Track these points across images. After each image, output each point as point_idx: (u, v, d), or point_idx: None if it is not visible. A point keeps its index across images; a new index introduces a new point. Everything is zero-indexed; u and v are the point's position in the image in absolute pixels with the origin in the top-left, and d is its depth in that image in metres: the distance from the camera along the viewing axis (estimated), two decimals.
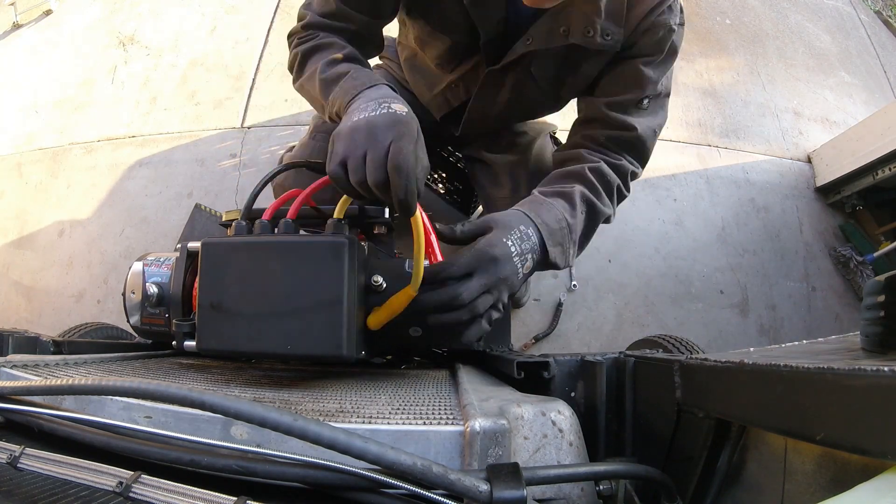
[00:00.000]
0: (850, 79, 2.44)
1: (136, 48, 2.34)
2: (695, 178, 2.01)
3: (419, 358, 0.94)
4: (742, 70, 2.33)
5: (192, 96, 2.16)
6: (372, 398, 0.51)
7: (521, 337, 1.70)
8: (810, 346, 0.52)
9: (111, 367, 0.61)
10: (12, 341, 0.76)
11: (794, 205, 2.03)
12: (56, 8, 2.56)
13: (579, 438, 0.45)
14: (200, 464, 0.34)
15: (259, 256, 0.54)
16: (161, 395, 0.33)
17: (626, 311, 1.78)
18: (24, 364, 0.55)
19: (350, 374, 0.67)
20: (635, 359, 0.57)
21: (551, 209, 0.72)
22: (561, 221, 0.71)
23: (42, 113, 2.25)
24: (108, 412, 0.45)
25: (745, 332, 1.81)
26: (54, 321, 1.81)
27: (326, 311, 0.52)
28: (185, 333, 0.61)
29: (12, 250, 1.98)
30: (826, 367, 0.29)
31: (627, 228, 1.89)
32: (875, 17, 2.81)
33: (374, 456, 0.32)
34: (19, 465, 0.35)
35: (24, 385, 0.40)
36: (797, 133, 2.20)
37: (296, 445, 0.34)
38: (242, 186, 1.92)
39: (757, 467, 0.41)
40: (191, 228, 1.60)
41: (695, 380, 0.45)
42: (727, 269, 1.88)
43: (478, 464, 0.39)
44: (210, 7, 2.40)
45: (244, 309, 0.53)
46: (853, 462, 0.31)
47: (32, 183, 2.08)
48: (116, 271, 1.85)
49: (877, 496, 0.25)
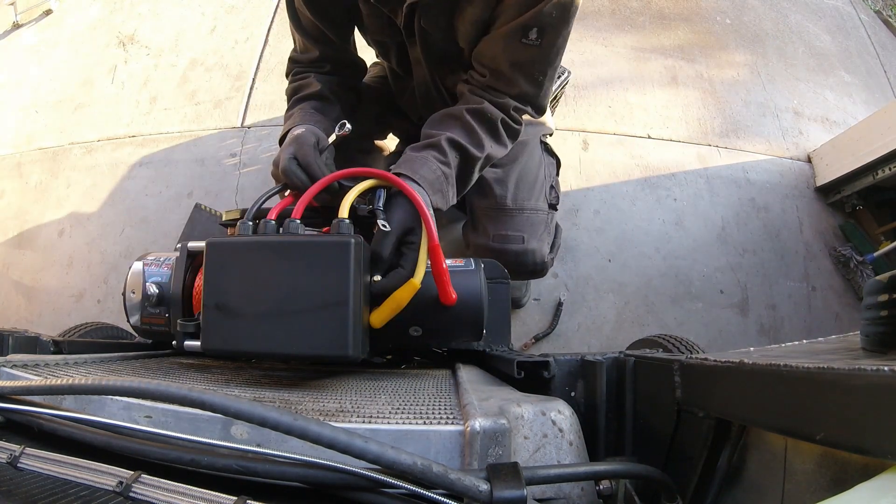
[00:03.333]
0: (850, 78, 2.44)
1: (136, 48, 2.34)
2: (695, 177, 2.01)
3: (419, 358, 0.94)
4: (742, 70, 2.33)
5: (191, 96, 2.16)
6: (372, 398, 0.51)
7: (521, 336, 1.70)
8: (810, 346, 0.52)
9: (111, 367, 0.61)
10: (12, 341, 0.76)
11: (794, 204, 2.03)
12: (56, 8, 2.56)
13: (579, 438, 0.45)
14: (200, 463, 0.34)
15: (264, 256, 0.54)
16: (161, 394, 0.33)
17: (626, 311, 1.78)
18: (24, 364, 0.55)
19: (350, 374, 0.67)
20: (635, 358, 0.57)
21: (425, 162, 0.79)
22: (436, 171, 0.79)
23: (42, 113, 2.25)
24: (108, 412, 0.45)
25: (745, 332, 1.81)
26: (54, 321, 1.81)
27: (332, 311, 0.52)
28: (188, 333, 0.61)
29: (12, 250, 1.98)
30: (826, 367, 0.29)
31: (627, 228, 1.89)
32: (875, 17, 2.81)
33: (374, 455, 0.32)
34: (19, 464, 0.35)
35: (24, 385, 0.40)
36: (797, 133, 2.20)
37: (296, 445, 0.34)
38: (242, 186, 1.92)
39: (757, 467, 0.41)
40: (191, 228, 1.60)
41: (695, 379, 0.45)
42: (727, 268, 1.88)
43: (478, 463, 0.39)
44: (210, 7, 2.40)
45: (249, 309, 0.53)
46: (853, 462, 0.31)
47: (32, 183, 2.08)
48: (116, 271, 1.85)
49: (877, 496, 0.25)
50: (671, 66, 2.26)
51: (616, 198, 1.93)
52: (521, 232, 1.03)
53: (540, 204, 1.08)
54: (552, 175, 1.17)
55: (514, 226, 1.03)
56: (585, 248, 1.83)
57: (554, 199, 1.14)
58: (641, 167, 2.00)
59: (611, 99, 2.12)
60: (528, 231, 1.03)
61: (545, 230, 1.07)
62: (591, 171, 1.95)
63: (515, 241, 1.03)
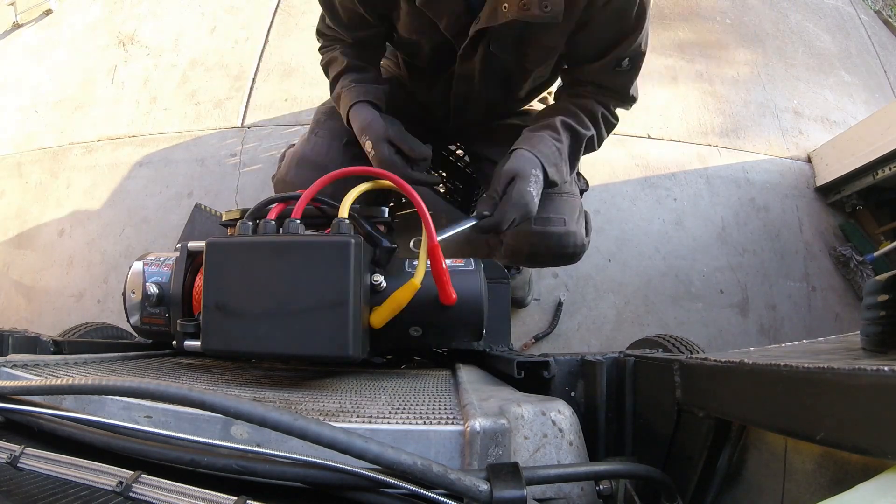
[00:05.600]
0: (850, 78, 2.44)
1: (136, 48, 2.34)
2: (695, 177, 2.01)
3: (419, 358, 0.94)
4: (742, 69, 2.33)
5: (191, 96, 2.16)
6: (372, 398, 0.51)
7: (521, 337, 1.70)
8: (810, 345, 0.52)
9: (111, 367, 0.61)
10: (12, 341, 0.76)
11: (794, 204, 2.03)
12: (56, 8, 2.56)
13: (579, 438, 0.45)
14: (200, 463, 0.34)
15: (264, 256, 0.54)
16: (161, 394, 0.33)
17: (626, 311, 1.78)
18: (24, 364, 0.55)
19: (350, 374, 0.67)
20: (635, 358, 0.57)
21: (542, 139, 0.90)
22: (551, 147, 0.90)
23: (42, 113, 2.25)
24: (108, 412, 0.45)
25: (745, 332, 1.81)
26: (54, 321, 1.81)
27: (332, 311, 0.52)
28: (188, 333, 0.61)
29: (12, 250, 1.98)
30: (826, 367, 0.29)
31: (627, 228, 1.89)
32: (875, 17, 2.81)
33: (373, 455, 0.32)
34: (19, 464, 0.35)
35: (24, 385, 0.40)
36: (797, 133, 2.20)
37: (296, 445, 0.34)
38: (242, 186, 1.92)
39: (757, 467, 0.41)
40: (191, 228, 1.60)
41: (695, 379, 0.45)
42: (727, 268, 1.88)
43: (478, 463, 0.39)
44: (210, 7, 2.40)
45: (249, 309, 0.53)
46: (853, 462, 0.31)
47: (32, 183, 2.08)
48: (116, 271, 1.85)
49: (877, 496, 0.25)
50: (671, 66, 2.26)
51: (616, 197, 1.93)
52: (562, 214, 1.03)
53: (574, 188, 1.09)
54: None
55: (556, 209, 1.03)
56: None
57: (584, 185, 1.18)
58: (641, 167, 2.00)
59: None
60: (568, 214, 1.04)
61: (580, 214, 1.08)
62: (591, 171, 1.95)
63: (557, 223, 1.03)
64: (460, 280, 0.66)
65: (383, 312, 0.60)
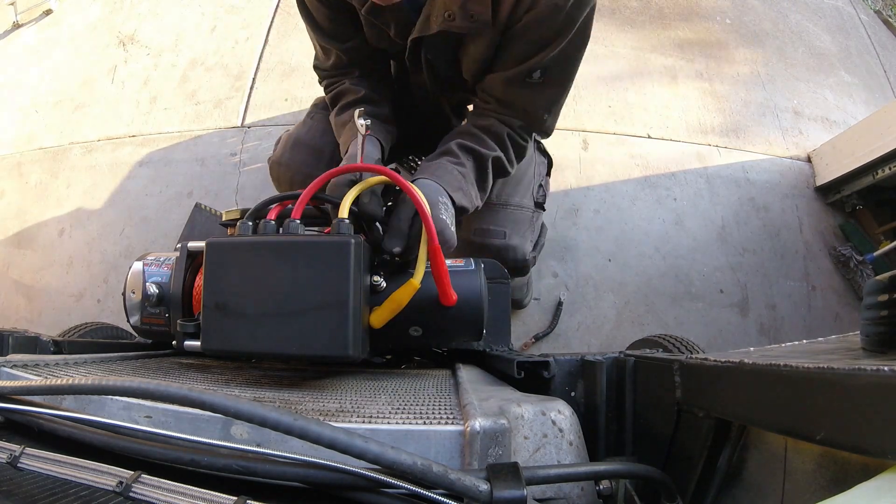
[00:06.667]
0: (850, 78, 2.44)
1: (136, 48, 2.34)
2: (695, 177, 2.01)
3: (419, 358, 0.94)
4: (742, 69, 2.32)
5: (191, 96, 2.16)
6: (372, 398, 0.51)
7: (521, 336, 1.70)
8: (810, 345, 0.52)
9: (111, 367, 0.61)
10: (12, 341, 0.76)
11: (794, 204, 2.03)
12: (56, 8, 2.56)
13: (579, 438, 0.45)
14: (200, 463, 0.34)
15: (264, 256, 0.54)
16: (161, 394, 0.33)
17: (626, 311, 1.78)
18: (24, 364, 0.55)
19: (350, 374, 0.67)
20: (635, 358, 0.58)
21: (441, 166, 0.82)
22: (452, 172, 0.82)
23: (42, 113, 2.25)
24: (108, 412, 0.45)
25: (745, 332, 1.81)
26: (54, 321, 1.81)
27: (332, 311, 0.52)
28: (188, 333, 0.61)
29: (12, 250, 1.98)
30: (826, 367, 0.29)
31: (627, 228, 1.89)
32: (875, 16, 2.81)
33: (374, 455, 0.32)
34: (19, 464, 0.35)
35: (24, 385, 0.40)
36: (797, 132, 2.20)
37: (296, 445, 0.34)
38: (242, 185, 1.92)
39: (757, 467, 0.41)
40: (191, 228, 1.60)
41: (695, 379, 0.45)
42: (727, 268, 1.88)
43: (478, 463, 0.39)
44: (210, 7, 2.40)
45: (249, 309, 0.53)
46: (853, 462, 0.31)
47: (32, 183, 2.08)
48: (116, 271, 1.85)
49: (877, 496, 0.25)
50: (671, 66, 2.26)
51: (616, 197, 1.93)
52: (503, 227, 1.02)
53: (525, 201, 1.08)
54: (542, 174, 1.17)
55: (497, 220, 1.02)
56: (585, 247, 1.83)
57: (541, 198, 1.13)
58: (641, 167, 2.00)
59: (611, 98, 2.12)
60: (511, 227, 1.03)
61: (529, 228, 1.07)
62: (591, 171, 1.95)
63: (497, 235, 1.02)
64: (460, 280, 0.66)
65: (383, 312, 0.60)
